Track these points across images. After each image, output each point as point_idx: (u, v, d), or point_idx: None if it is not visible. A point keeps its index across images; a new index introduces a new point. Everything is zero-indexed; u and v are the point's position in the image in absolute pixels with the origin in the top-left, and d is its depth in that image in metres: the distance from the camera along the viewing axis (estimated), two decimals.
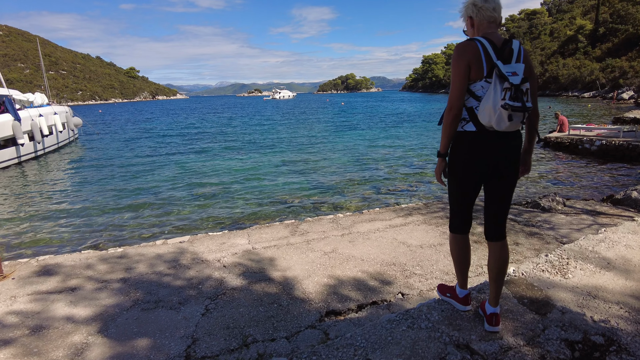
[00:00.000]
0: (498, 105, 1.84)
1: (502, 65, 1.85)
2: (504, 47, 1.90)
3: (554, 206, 5.94)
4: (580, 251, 3.01)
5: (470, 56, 1.91)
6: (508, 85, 1.82)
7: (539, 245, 4.63)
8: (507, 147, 2.00)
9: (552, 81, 72.27)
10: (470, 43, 1.94)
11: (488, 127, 1.95)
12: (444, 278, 3.89)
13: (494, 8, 1.96)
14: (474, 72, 1.92)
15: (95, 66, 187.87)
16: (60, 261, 4.72)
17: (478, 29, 2.01)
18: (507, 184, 2.07)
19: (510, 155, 2.01)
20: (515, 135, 2.02)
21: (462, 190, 2.12)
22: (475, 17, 2.00)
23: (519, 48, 1.92)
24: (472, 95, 1.97)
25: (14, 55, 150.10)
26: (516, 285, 2.58)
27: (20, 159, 14.96)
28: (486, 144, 1.98)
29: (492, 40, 1.93)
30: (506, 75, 1.82)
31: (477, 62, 1.90)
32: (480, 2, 1.97)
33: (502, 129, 1.90)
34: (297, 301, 3.55)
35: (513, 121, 1.87)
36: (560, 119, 15.15)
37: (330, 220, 5.83)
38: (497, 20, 2.00)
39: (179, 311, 3.49)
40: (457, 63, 1.94)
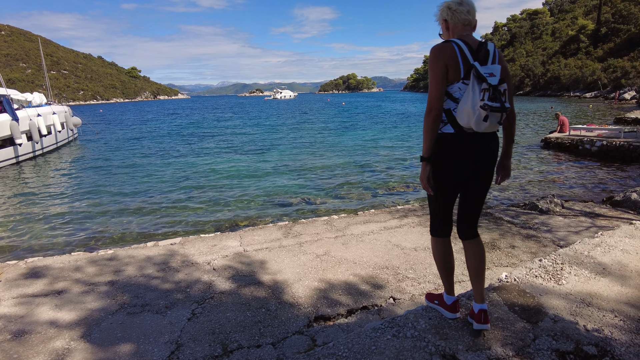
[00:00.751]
0: (477, 106, 1.83)
1: (480, 66, 1.86)
2: (480, 49, 1.93)
3: (552, 208, 5.85)
4: (575, 256, 2.92)
5: (447, 57, 1.91)
6: (486, 86, 1.82)
7: (535, 248, 4.53)
8: (486, 148, 2.00)
9: (554, 81, 72.06)
10: (446, 45, 1.94)
11: (467, 129, 1.94)
12: (437, 282, 3.81)
13: (468, 11, 1.98)
14: (451, 73, 1.92)
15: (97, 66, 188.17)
16: (49, 263, 4.65)
17: (453, 32, 2.02)
18: (484, 185, 2.10)
19: (488, 157, 2.03)
20: (493, 136, 2.03)
21: (443, 193, 2.10)
22: (450, 20, 2.01)
23: (494, 50, 1.96)
24: (449, 97, 1.97)
25: (15, 55, 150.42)
26: (508, 291, 2.49)
27: (19, 159, 14.92)
28: (465, 146, 1.97)
29: (468, 42, 1.94)
30: (484, 76, 1.82)
31: (454, 64, 1.90)
32: (455, 5, 1.99)
33: (482, 129, 1.89)
34: (285, 306, 3.47)
35: (492, 122, 1.86)
36: (561, 120, 15.04)
37: (324, 222, 5.75)
38: (471, 23, 2.02)
39: (165, 315, 3.42)
40: (435, 65, 1.93)
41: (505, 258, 4.30)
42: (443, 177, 2.05)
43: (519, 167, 11.63)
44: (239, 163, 14.11)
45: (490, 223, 5.45)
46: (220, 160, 14.83)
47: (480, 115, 1.83)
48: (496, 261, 4.23)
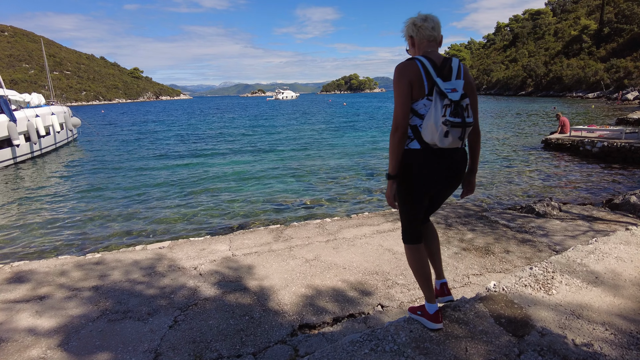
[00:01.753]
0: (439, 122, 1.87)
1: (442, 82, 1.90)
2: (444, 65, 1.96)
3: (549, 211, 5.73)
4: (568, 264, 2.81)
5: (411, 75, 1.94)
6: (448, 101, 1.86)
7: (530, 253, 4.42)
8: (452, 162, 2.05)
9: (556, 82, 71.74)
10: (411, 62, 1.97)
11: (432, 145, 1.97)
12: None
13: (433, 27, 2.02)
14: (415, 91, 1.95)
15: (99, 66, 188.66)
16: (35, 267, 4.57)
17: (419, 48, 2.06)
18: (447, 193, 2.22)
19: (455, 171, 2.09)
20: (460, 152, 2.08)
21: (412, 205, 2.15)
22: (416, 37, 2.05)
23: (458, 65, 1.98)
24: (415, 113, 2.00)
25: (19, 56, 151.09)
26: (495, 302, 2.39)
27: (16, 160, 14.88)
28: (432, 161, 2.01)
29: (432, 58, 1.97)
30: (445, 92, 1.86)
31: (419, 81, 1.93)
32: (420, 22, 2.03)
33: (445, 145, 1.93)
34: (270, 313, 3.37)
35: (454, 137, 1.90)
36: (562, 120, 14.90)
37: (316, 225, 5.65)
38: (436, 39, 2.06)
39: (146, 322, 3.33)
40: (399, 82, 1.96)
41: (499, 263, 4.19)
42: (412, 191, 2.09)
43: (518, 168, 11.51)
44: (237, 164, 14.04)
45: (485, 227, 5.34)
46: (218, 162, 14.75)
47: (443, 131, 1.86)
48: (489, 267, 4.12)
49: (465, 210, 6.20)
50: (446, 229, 5.33)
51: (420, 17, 2.04)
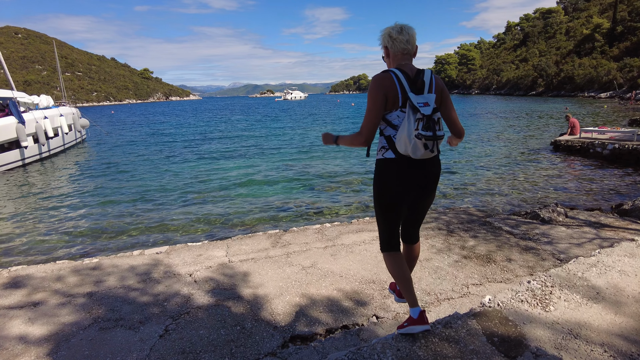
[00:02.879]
0: (412, 135, 1.92)
1: (415, 96, 1.95)
2: (417, 79, 2.01)
3: (554, 217, 5.58)
4: (568, 277, 2.70)
5: (387, 88, 1.99)
6: (420, 115, 1.91)
7: (533, 262, 4.30)
8: (427, 172, 2.11)
9: (568, 81, 70.79)
10: (386, 75, 2.01)
11: (405, 155, 2.03)
12: (424, 299, 3.60)
13: (408, 40, 2.05)
14: (390, 103, 2.01)
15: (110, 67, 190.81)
16: (32, 272, 4.56)
17: (393, 60, 2.11)
18: (426, 203, 2.26)
19: (430, 179, 2.14)
20: (434, 161, 2.14)
21: (389, 213, 2.20)
22: (390, 48, 2.09)
23: (430, 78, 2.04)
24: (389, 124, 2.06)
25: (32, 58, 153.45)
26: (489, 318, 2.29)
27: (25, 161, 15.04)
28: (406, 170, 2.06)
29: (406, 71, 2.02)
30: (417, 106, 1.91)
31: (394, 94, 1.99)
32: (395, 34, 2.06)
33: (418, 156, 1.99)
34: (262, 323, 3.30)
35: (425, 149, 1.96)
36: (571, 122, 14.62)
37: (315, 230, 5.57)
38: (410, 51, 2.09)
39: (137, 331, 3.28)
40: (375, 94, 2.00)
41: (500, 273, 4.07)
42: (387, 199, 2.15)
43: (525, 171, 11.30)
44: (241, 167, 14.02)
45: (488, 233, 5.22)
46: (223, 164, 14.76)
47: (416, 144, 1.93)
48: (490, 276, 4.01)
49: (469, 216, 6.07)
50: (448, 235, 5.22)
51: (396, 29, 2.07)
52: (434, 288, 3.81)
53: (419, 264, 4.34)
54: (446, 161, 13.22)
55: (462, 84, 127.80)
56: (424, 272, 4.17)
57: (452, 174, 11.24)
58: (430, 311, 3.42)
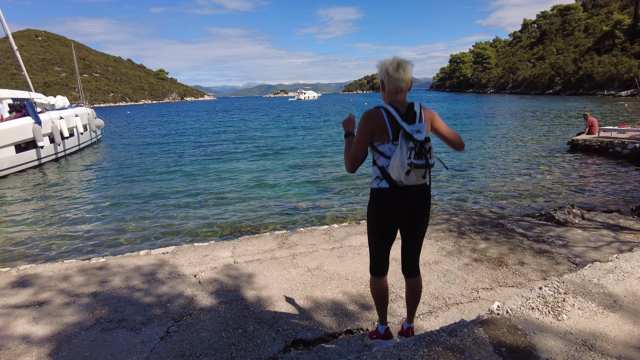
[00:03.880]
0: (405, 163, 2.04)
1: (407, 125, 2.08)
2: (408, 112, 2.15)
3: (570, 219, 5.38)
4: (582, 284, 2.56)
5: (374, 125, 2.15)
6: (413, 144, 2.03)
7: (547, 266, 4.14)
8: (418, 199, 2.23)
9: (586, 79, 69.24)
10: (376, 112, 2.17)
11: (399, 182, 2.16)
12: (432, 304, 3.49)
13: (403, 79, 2.17)
14: (378, 136, 2.17)
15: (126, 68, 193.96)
16: (40, 271, 4.59)
17: (388, 94, 2.24)
18: (419, 231, 2.36)
19: (421, 208, 2.26)
20: (425, 188, 2.25)
21: (380, 239, 2.35)
22: (386, 84, 2.21)
23: (419, 110, 2.19)
24: (382, 155, 2.20)
25: (51, 60, 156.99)
26: (497, 327, 2.17)
27: (41, 161, 15.32)
28: (399, 198, 2.20)
29: (397, 107, 2.16)
30: (411, 133, 2.04)
31: (382, 129, 2.15)
32: (392, 71, 2.17)
33: (411, 183, 2.11)
34: (264, 327, 3.23)
35: (417, 176, 2.08)
36: (590, 120, 14.22)
37: (323, 231, 5.49)
38: (405, 89, 2.21)
39: (138, 333, 3.25)
40: (363, 128, 2.18)
41: (512, 277, 3.93)
42: (380, 226, 2.30)
43: (540, 171, 11.02)
44: (253, 167, 14.03)
45: (500, 235, 5.06)
46: (235, 165, 14.79)
47: (409, 172, 2.04)
48: (501, 280, 3.87)
49: (481, 217, 5.91)
50: (458, 237, 5.08)
51: (393, 66, 2.17)
52: (442, 292, 3.69)
53: (428, 267, 4.22)
54: (459, 161, 13.00)
55: (477, 82, 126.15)
56: (432, 275, 4.05)
57: (465, 174, 11.03)
58: (438, 316, 3.30)
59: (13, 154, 13.66)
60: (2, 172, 13.15)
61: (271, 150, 18.10)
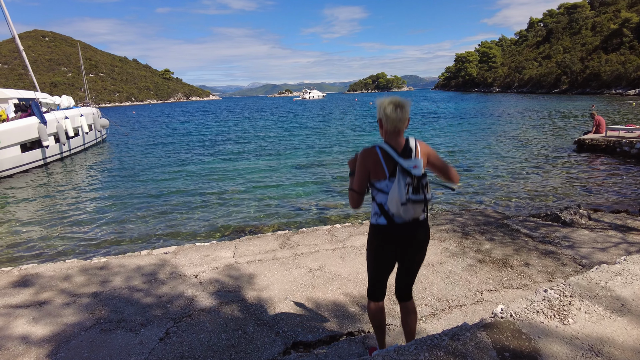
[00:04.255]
0: (403, 198, 2.08)
1: (404, 161, 2.13)
2: (405, 149, 2.20)
3: (576, 220, 5.29)
4: (589, 287, 2.49)
5: (370, 163, 2.22)
6: (410, 180, 2.09)
7: (552, 267, 4.06)
8: (415, 235, 2.28)
9: (593, 78, 68.60)
10: (372, 150, 2.23)
11: (397, 218, 2.20)
12: (435, 305, 3.43)
13: (400, 119, 2.20)
14: (374, 174, 2.22)
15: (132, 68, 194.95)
16: (41, 271, 4.58)
17: (385, 133, 2.27)
18: (415, 265, 2.41)
19: (418, 243, 2.30)
20: (423, 224, 2.30)
21: (378, 270, 2.42)
22: (384, 123, 2.23)
23: (415, 145, 2.23)
24: (380, 191, 2.24)
25: (58, 60, 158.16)
26: (500, 330, 2.12)
27: (46, 161, 15.40)
28: (396, 234, 2.25)
29: (394, 145, 2.21)
30: (408, 169, 2.09)
31: (378, 167, 2.20)
32: (390, 111, 2.19)
33: (409, 217, 2.17)
34: (264, 328, 3.19)
35: (416, 210, 2.13)
36: (597, 120, 14.04)
37: (325, 231, 5.44)
38: (402, 128, 2.24)
39: (137, 334, 3.22)
40: (360, 166, 2.25)
41: (517, 278, 3.86)
42: (378, 259, 2.37)
43: (546, 171, 10.90)
44: (257, 167, 14.01)
45: (505, 236, 4.99)
46: (239, 164, 14.78)
47: (407, 206, 2.09)
48: (506, 282, 3.80)
49: (485, 217, 5.84)
50: (462, 237, 5.01)
51: (391, 106, 2.19)
52: (445, 294, 3.63)
53: (432, 268, 4.16)
54: (464, 161, 12.90)
55: (482, 82, 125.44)
56: (436, 276, 3.99)
57: (470, 174, 10.93)
58: (441, 318, 3.25)
59: (18, 153, 13.74)
60: (7, 171, 13.23)
61: (275, 150, 18.07)
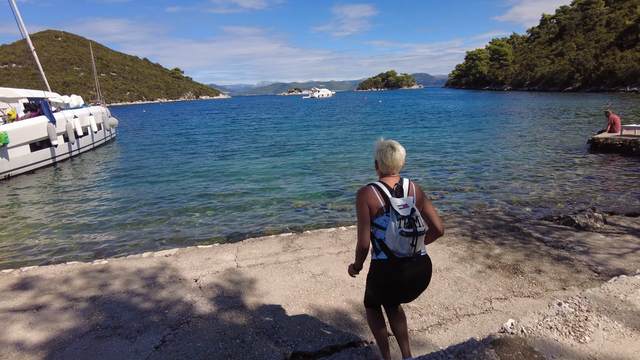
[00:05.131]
0: (397, 233, 2.16)
1: (395, 199, 2.22)
2: (398, 187, 2.30)
3: (591, 223, 5.08)
4: (607, 300, 2.32)
5: (368, 200, 2.29)
6: (401, 216, 2.18)
7: (566, 274, 3.88)
8: (416, 271, 2.30)
9: (608, 75, 67.30)
10: (368, 188, 2.33)
11: (396, 253, 2.24)
12: (442, 315, 3.28)
13: (394, 166, 2.34)
14: (373, 210, 2.28)
15: (143, 67, 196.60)
16: (42, 273, 4.53)
17: (380, 173, 2.41)
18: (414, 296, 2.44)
19: (418, 279, 2.33)
20: (424, 260, 2.35)
21: (377, 298, 2.48)
22: (379, 164, 2.38)
23: (408, 185, 2.34)
24: (379, 227, 2.31)
25: (70, 60, 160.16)
26: (510, 348, 1.97)
27: (55, 159, 15.50)
28: (397, 270, 2.27)
29: (387, 184, 2.32)
30: (398, 210, 2.19)
31: (375, 202, 2.28)
32: (384, 156, 2.33)
33: (405, 250, 2.20)
34: (263, 337, 3.08)
35: (409, 243, 2.18)
36: (611, 118, 13.67)
37: (330, 234, 5.31)
38: (394, 171, 2.37)
39: (133, 341, 3.13)
40: (359, 206, 2.31)
41: (528, 286, 3.69)
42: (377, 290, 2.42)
43: (559, 172, 10.62)
44: (264, 167, 13.91)
45: (516, 240, 4.80)
46: (246, 163, 14.71)
47: (402, 240, 2.16)
48: (516, 290, 3.63)
49: (495, 220, 5.65)
50: (472, 242, 4.84)
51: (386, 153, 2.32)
52: (453, 302, 3.48)
53: (439, 274, 4.01)
54: (474, 161, 12.65)
55: (493, 80, 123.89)
56: (443, 283, 3.83)
57: (481, 175, 10.70)
58: (448, 329, 3.10)
59: (28, 152, 13.83)
60: (17, 170, 13.33)
61: (282, 149, 17.97)
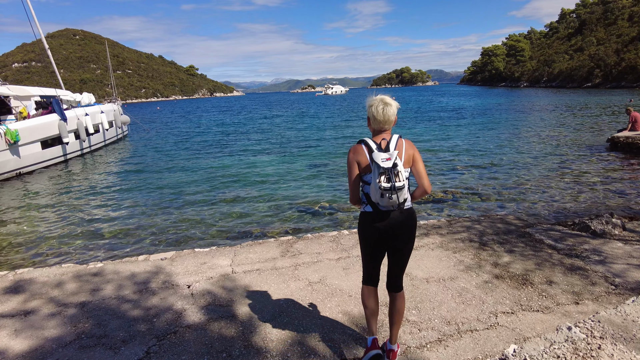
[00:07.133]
0: (377, 186, 2.25)
1: (378, 153, 2.27)
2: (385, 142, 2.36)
3: (608, 230, 4.78)
4: (624, 325, 2.08)
5: (357, 156, 2.41)
6: (382, 169, 2.24)
7: (579, 286, 3.62)
8: (400, 222, 2.41)
9: (630, 71, 65.42)
10: (358, 146, 2.44)
11: (380, 206, 2.36)
12: (443, 330, 3.07)
13: (385, 121, 2.40)
14: (362, 167, 2.41)
15: (158, 65, 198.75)
16: (36, 276, 4.45)
17: (372, 129, 2.48)
18: (401, 254, 2.53)
19: (402, 231, 2.44)
20: (407, 212, 2.44)
21: (368, 255, 2.59)
22: (371, 120, 2.45)
23: (397, 140, 2.38)
24: (366, 183, 2.43)
25: (87, 57, 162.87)
26: None
27: (67, 157, 15.63)
28: (380, 221, 2.40)
29: (377, 140, 2.39)
30: (380, 163, 2.24)
31: (364, 160, 2.39)
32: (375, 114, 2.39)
33: (384, 204, 2.30)
34: (251, 351, 2.91)
35: (388, 198, 2.25)
36: (633, 116, 13.12)
37: (330, 238, 5.12)
38: (386, 127, 2.43)
39: (117, 353, 3.00)
40: (350, 161, 2.45)
41: (538, 299, 3.44)
42: (365, 244, 2.56)
43: (575, 173, 10.21)
44: (272, 167, 13.78)
45: (526, 247, 4.54)
46: (254, 163, 14.61)
47: (381, 194, 2.24)
48: (524, 303, 3.39)
49: (505, 225, 5.38)
50: (479, 248, 4.59)
51: (378, 107, 2.37)
52: (455, 315, 3.26)
53: (442, 284, 3.79)
54: (486, 162, 12.29)
55: (510, 76, 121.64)
56: (446, 294, 3.61)
57: (492, 176, 10.36)
58: (448, 346, 2.88)
59: (39, 150, 13.96)
60: (28, 167, 13.47)
61: (293, 148, 17.79)
